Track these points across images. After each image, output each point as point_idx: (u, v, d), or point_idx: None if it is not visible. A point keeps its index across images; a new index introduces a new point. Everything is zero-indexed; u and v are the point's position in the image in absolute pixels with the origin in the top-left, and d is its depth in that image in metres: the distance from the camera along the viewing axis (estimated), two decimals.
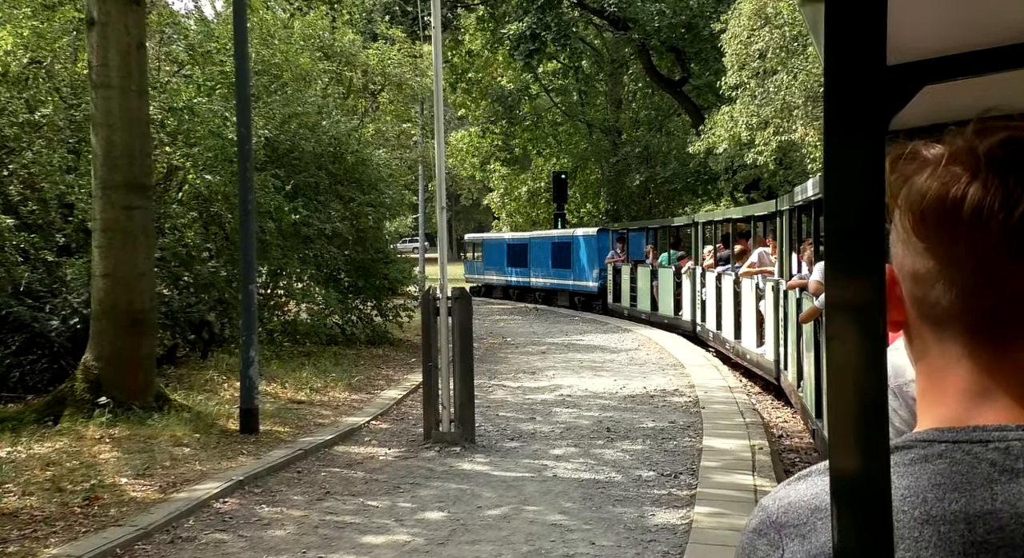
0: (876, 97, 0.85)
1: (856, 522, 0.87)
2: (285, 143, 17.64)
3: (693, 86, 35.13)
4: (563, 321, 27.93)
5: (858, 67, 0.85)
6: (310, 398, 13.34)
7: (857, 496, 0.87)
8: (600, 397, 14.41)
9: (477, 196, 60.80)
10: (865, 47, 0.84)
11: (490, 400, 14.13)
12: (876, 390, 0.87)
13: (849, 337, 0.87)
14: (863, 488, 0.87)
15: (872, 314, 0.86)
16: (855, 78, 0.85)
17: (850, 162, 0.86)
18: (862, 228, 0.85)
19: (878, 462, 0.86)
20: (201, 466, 9.23)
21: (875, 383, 0.87)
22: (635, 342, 21.68)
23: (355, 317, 19.98)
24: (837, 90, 0.86)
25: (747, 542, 1.08)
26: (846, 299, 0.87)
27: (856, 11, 0.85)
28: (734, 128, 22.47)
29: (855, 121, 0.85)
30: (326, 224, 17.64)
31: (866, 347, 0.86)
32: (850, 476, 0.87)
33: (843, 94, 0.85)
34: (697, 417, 12.63)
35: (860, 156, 0.85)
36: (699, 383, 15.33)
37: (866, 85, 0.85)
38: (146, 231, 10.88)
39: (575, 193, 45.50)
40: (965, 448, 0.99)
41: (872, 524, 0.86)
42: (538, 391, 14.95)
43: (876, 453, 0.86)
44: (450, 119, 55.94)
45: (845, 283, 0.87)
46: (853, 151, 0.86)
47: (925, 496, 0.98)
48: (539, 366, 17.88)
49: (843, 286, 0.87)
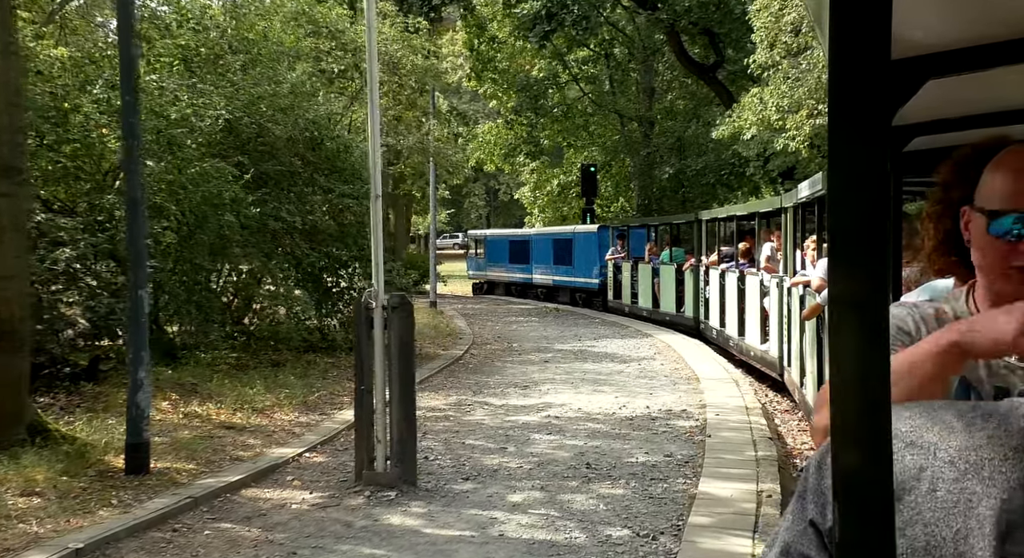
0: (880, 91, 0.87)
1: (860, 514, 0.90)
2: (250, 127, 15.66)
3: (728, 72, 32.87)
4: (581, 324, 25.77)
5: (862, 61, 0.87)
6: (246, 421, 11.35)
7: (860, 489, 0.90)
8: (593, 419, 12.30)
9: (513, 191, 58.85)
10: (870, 41, 0.87)
11: (462, 423, 12.08)
12: (878, 384, 0.89)
13: (851, 331, 0.89)
14: (866, 481, 0.90)
15: (874, 308, 0.89)
16: (859, 72, 0.87)
17: (854, 156, 0.88)
18: (865, 222, 0.88)
19: (881, 455, 0.90)
20: (40, 526, 7.18)
21: (877, 377, 0.89)
22: (652, 349, 19.51)
23: (336, 321, 18.00)
24: (841, 84, 0.88)
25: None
26: (849, 293, 0.89)
27: (861, 5, 0.87)
28: (763, 111, 20.20)
29: (859, 115, 0.88)
30: (295, 217, 15.64)
31: (868, 341, 0.89)
32: (853, 469, 0.90)
33: (847, 88, 0.88)
34: (701, 448, 10.51)
35: (864, 150, 0.88)
36: (713, 402, 13.17)
37: (870, 79, 0.87)
38: (16, 224, 8.89)
39: (607, 187, 43.37)
40: None
41: (875, 517, 0.89)
42: (523, 411, 12.88)
43: (879, 446, 0.90)
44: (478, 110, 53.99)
45: (848, 277, 0.89)
46: (857, 145, 0.88)
47: None
48: (535, 379, 15.80)
49: (846, 280, 0.90)
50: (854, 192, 0.87)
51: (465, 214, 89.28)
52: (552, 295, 33.86)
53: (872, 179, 0.86)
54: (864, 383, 0.88)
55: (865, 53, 0.85)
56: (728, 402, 13.11)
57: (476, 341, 21.41)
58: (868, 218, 0.87)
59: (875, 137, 0.86)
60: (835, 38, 0.86)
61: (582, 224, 35.04)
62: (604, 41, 41.33)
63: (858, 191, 0.86)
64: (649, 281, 24.68)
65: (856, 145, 0.86)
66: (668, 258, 23.49)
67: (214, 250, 14.69)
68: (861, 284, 0.88)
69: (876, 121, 0.86)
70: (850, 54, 0.86)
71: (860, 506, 0.89)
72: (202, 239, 14.35)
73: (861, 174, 0.86)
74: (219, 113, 14.63)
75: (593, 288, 30.15)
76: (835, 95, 0.87)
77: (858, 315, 0.88)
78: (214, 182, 14.04)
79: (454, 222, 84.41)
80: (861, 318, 0.88)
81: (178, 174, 13.66)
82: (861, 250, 0.87)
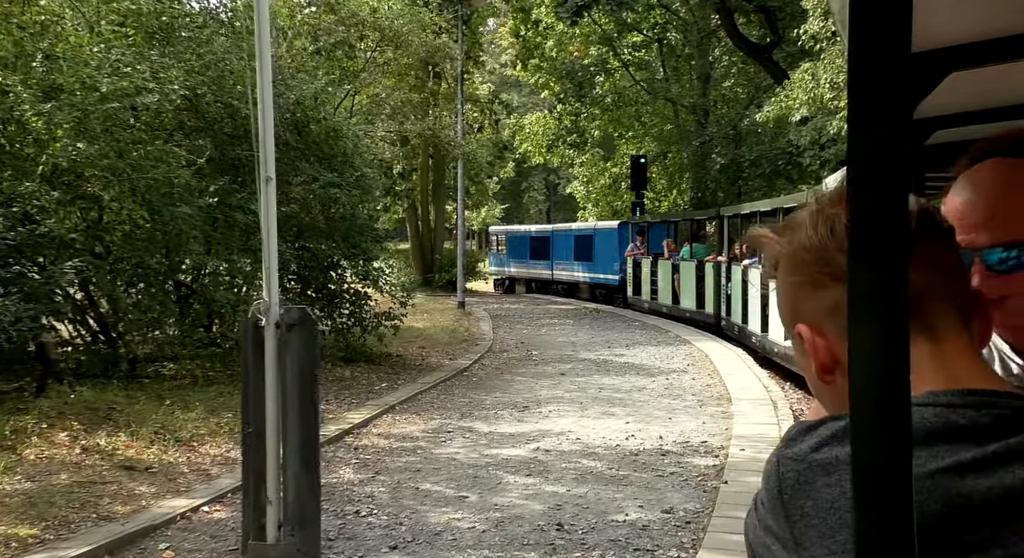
0: (901, 84, 0.86)
1: (879, 515, 0.87)
2: (215, 106, 13.63)
3: (786, 53, 30.29)
4: (618, 328, 23.43)
5: (883, 54, 0.86)
6: (158, 458, 9.27)
7: (879, 489, 0.88)
8: (590, 454, 10.10)
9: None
10: (890, 33, 0.86)
11: (430, 458, 9.94)
12: (898, 381, 0.87)
13: (872, 326, 0.87)
14: (885, 480, 0.87)
15: (895, 303, 0.88)
16: (880, 65, 0.86)
17: (874, 150, 0.87)
18: (886, 216, 0.86)
19: (900, 454, 0.87)
20: None
21: (897, 372, 0.87)
22: (686, 360, 17.19)
23: (325, 329, 15.95)
24: (862, 77, 0.87)
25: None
26: (869, 287, 0.88)
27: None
28: (815, 89, 17.71)
29: (880, 109, 0.86)
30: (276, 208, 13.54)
31: (889, 336, 0.87)
32: (872, 468, 0.88)
33: (868, 81, 0.86)
34: (712, 500, 8.28)
35: (884, 144, 0.86)
36: (741, 432, 10.90)
37: (891, 72, 0.86)
38: None
39: (660, 180, 40.99)
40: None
41: (894, 517, 0.87)
42: (510, 441, 10.71)
43: (898, 444, 0.87)
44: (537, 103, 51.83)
45: (868, 271, 0.88)
46: (877, 139, 0.86)
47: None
48: (540, 397, 13.60)
49: (866, 274, 0.88)
50: (875, 186, 0.86)
51: (524, 209, 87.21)
52: (572, 291, 33.95)
53: (893, 173, 0.86)
54: (884, 378, 0.87)
55: (886, 45, 0.85)
56: (760, 432, 10.82)
57: (493, 348, 19.26)
58: (889, 212, 0.86)
59: (896, 130, 0.85)
60: (855, 30, 0.86)
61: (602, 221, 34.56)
62: (657, 25, 38.96)
63: (879, 185, 0.86)
64: (669, 277, 24.41)
65: (877, 139, 0.85)
66: (688, 254, 23.18)
67: (168, 247, 12.70)
68: (881, 278, 0.86)
69: (897, 114, 0.86)
70: (871, 46, 0.85)
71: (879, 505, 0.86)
72: (155, 234, 12.41)
73: (882, 168, 0.86)
74: (172, 88, 12.62)
75: (613, 284, 29.98)
76: (855, 88, 0.86)
77: (878, 309, 0.86)
78: (163, 167, 12.06)
79: (516, 217, 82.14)
80: (881, 312, 0.86)
81: (117, 158, 11.70)
82: (882, 244, 0.86)
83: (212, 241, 13.55)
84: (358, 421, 11.51)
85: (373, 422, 11.72)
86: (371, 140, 19.91)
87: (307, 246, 15.22)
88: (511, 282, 39.65)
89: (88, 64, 11.86)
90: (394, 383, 14.51)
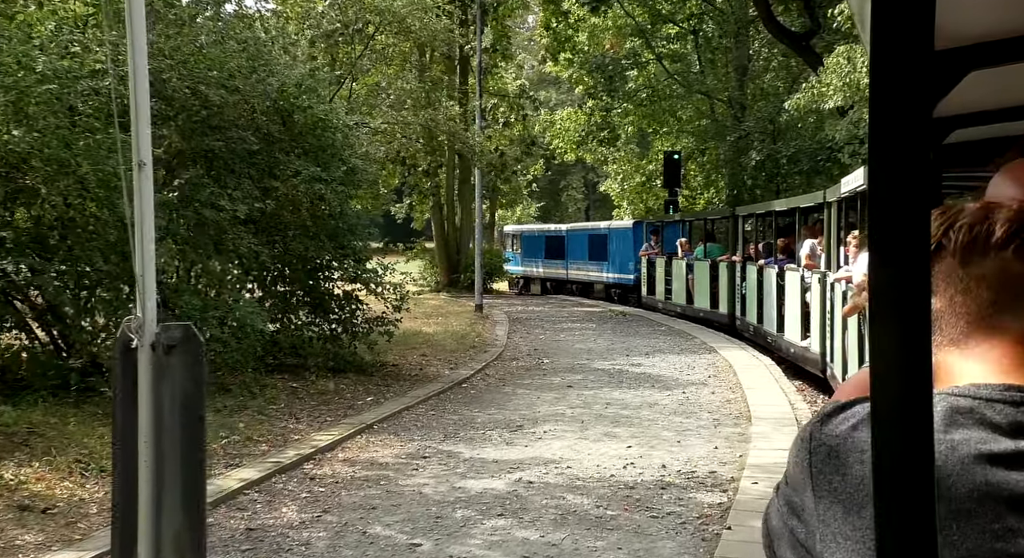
0: (923, 83, 0.85)
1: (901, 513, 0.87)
2: (183, 92, 12.37)
3: (827, 42, 28.64)
4: (642, 333, 21.91)
5: (905, 52, 0.85)
6: (75, 491, 7.97)
7: (902, 488, 0.87)
8: (577, 488, 8.72)
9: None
10: (912, 32, 0.85)
11: (391, 492, 8.61)
12: (920, 378, 0.87)
13: (893, 324, 0.87)
14: (908, 479, 0.87)
15: (916, 299, 0.87)
16: (902, 63, 0.85)
17: (896, 148, 0.86)
18: (907, 214, 0.86)
19: (923, 452, 0.87)
20: None
21: (919, 371, 0.87)
22: (707, 371, 15.72)
23: (312, 336, 14.66)
24: (883, 75, 0.86)
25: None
26: (890, 285, 0.87)
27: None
28: (852, 74, 16.14)
29: (901, 107, 0.86)
30: (237, 206, 12.29)
31: (910, 333, 0.87)
32: (895, 467, 0.87)
33: (889, 79, 0.86)
34: (710, 549, 6.90)
35: (906, 142, 0.86)
36: (757, 460, 9.49)
37: (913, 70, 0.85)
38: None
39: (697, 177, 39.41)
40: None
41: (917, 516, 0.86)
42: (490, 470, 9.36)
43: (920, 441, 0.87)
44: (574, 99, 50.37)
45: (889, 269, 0.87)
46: (899, 137, 0.86)
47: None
48: (539, 414, 12.23)
49: (887, 272, 0.87)
50: (895, 185, 0.85)
51: (563, 207, 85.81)
52: (587, 291, 34.10)
53: (914, 172, 0.85)
54: (906, 377, 0.86)
55: (908, 44, 0.84)
56: (777, 460, 9.33)
57: (503, 355, 17.90)
58: (909, 211, 0.85)
59: (917, 129, 0.85)
60: (877, 28, 0.85)
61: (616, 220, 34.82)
62: (692, 15, 37.38)
63: (899, 184, 0.85)
64: (683, 277, 24.26)
65: (897, 137, 0.85)
66: (703, 254, 22.94)
67: (120, 247, 11.45)
68: (902, 277, 0.86)
69: (918, 113, 0.85)
70: (892, 45, 0.84)
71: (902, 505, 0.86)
72: (108, 233, 11.20)
73: (902, 167, 0.85)
74: (125, 70, 11.37)
75: (628, 284, 29.92)
76: (876, 86, 0.86)
77: (899, 309, 0.86)
78: (113, 158, 10.84)
79: (555, 215, 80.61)
80: (902, 312, 0.86)
81: (63, 147, 10.48)
82: (902, 243, 0.86)
83: (178, 241, 12.33)
84: (324, 444, 10.19)
85: (342, 444, 10.40)
86: (370, 133, 18.51)
87: (289, 247, 13.94)
88: (526, 282, 39.39)
89: (29, 41, 10.66)
90: (382, 397, 13.19)
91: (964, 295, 1.18)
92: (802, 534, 1.08)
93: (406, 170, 35.21)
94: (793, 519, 1.10)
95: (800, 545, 1.09)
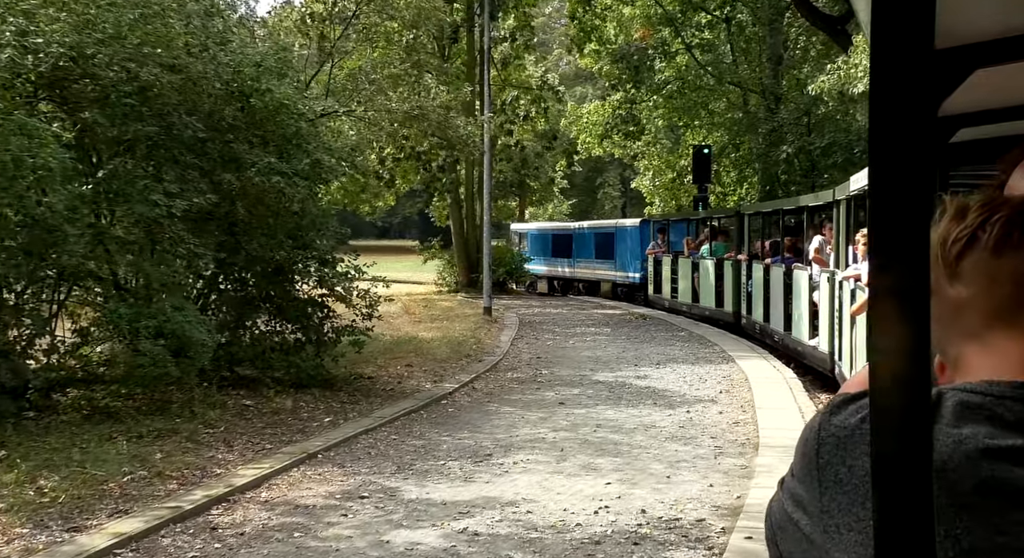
0: (924, 82, 0.83)
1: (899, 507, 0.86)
2: (111, 71, 10.85)
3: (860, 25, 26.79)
4: (658, 339, 20.14)
5: (906, 51, 0.83)
6: None
7: (900, 483, 0.86)
8: (533, 542, 7.11)
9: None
10: (913, 30, 0.83)
11: (305, 545, 7.05)
12: (919, 375, 0.85)
13: (893, 321, 0.86)
14: (906, 474, 0.86)
15: (916, 297, 0.86)
16: (903, 62, 0.83)
17: (897, 148, 0.85)
18: (908, 213, 0.85)
19: (921, 447, 0.86)
20: None
21: (918, 369, 0.85)
22: (719, 386, 14.01)
23: (272, 346, 13.12)
24: (884, 74, 0.85)
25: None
26: (891, 282, 0.86)
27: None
28: None
29: (903, 106, 0.84)
30: (174, 201, 10.77)
31: (910, 331, 0.86)
32: (893, 461, 0.87)
33: (890, 79, 0.84)
34: None
35: (907, 142, 0.84)
36: (756, 501, 7.82)
37: (914, 69, 0.84)
38: None
39: (729, 172, 37.51)
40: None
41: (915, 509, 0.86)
42: (434, 516, 7.76)
43: (918, 438, 0.86)
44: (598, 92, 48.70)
45: (890, 266, 0.86)
46: (900, 137, 0.84)
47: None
48: (517, 438, 10.63)
49: (888, 269, 0.87)
50: (897, 183, 0.84)
51: (599, 204, 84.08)
52: (593, 289, 34.05)
53: (916, 171, 0.83)
54: (905, 375, 0.85)
55: (908, 42, 0.82)
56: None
57: (499, 365, 16.29)
58: (911, 209, 0.84)
59: (919, 128, 0.83)
60: (878, 27, 0.83)
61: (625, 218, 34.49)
62: (725, 2, 35.49)
63: (901, 182, 0.83)
64: (688, 275, 24.09)
65: (899, 136, 0.83)
66: (709, 252, 22.63)
67: (31, 248, 9.99)
68: (903, 274, 0.85)
69: (920, 112, 0.83)
70: (893, 43, 0.82)
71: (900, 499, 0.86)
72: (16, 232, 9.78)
73: (905, 166, 0.83)
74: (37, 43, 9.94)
75: (635, 282, 29.79)
76: (878, 85, 0.84)
77: (900, 306, 0.85)
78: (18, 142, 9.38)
79: (591, 212, 78.80)
80: (902, 309, 0.85)
81: None
82: (904, 241, 0.84)
83: (106, 240, 10.86)
84: (246, 480, 8.62)
85: (270, 480, 8.83)
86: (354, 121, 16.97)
87: (243, 245, 12.43)
88: (533, 280, 38.47)
89: None
90: (342, 417, 11.63)
91: (991, 288, 1.14)
92: (807, 526, 1.08)
93: (420, 166, 33.64)
94: (798, 511, 1.11)
95: (804, 538, 1.09)
